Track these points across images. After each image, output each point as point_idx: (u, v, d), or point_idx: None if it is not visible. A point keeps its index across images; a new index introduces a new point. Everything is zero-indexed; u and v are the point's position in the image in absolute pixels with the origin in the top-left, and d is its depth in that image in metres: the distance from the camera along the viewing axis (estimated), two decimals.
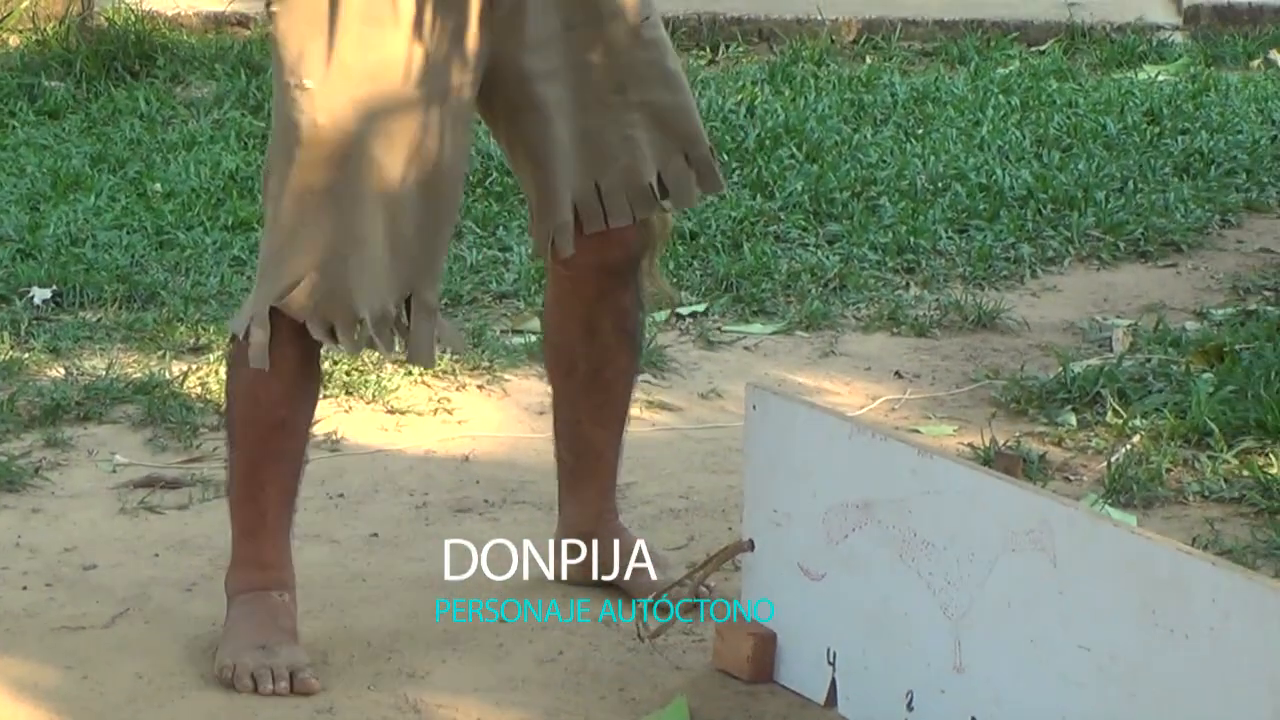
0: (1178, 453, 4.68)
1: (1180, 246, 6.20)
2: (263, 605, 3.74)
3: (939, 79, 7.96)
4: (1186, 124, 7.32)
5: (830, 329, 5.59)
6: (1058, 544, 3.37)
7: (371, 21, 3.45)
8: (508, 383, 5.28)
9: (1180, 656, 3.14)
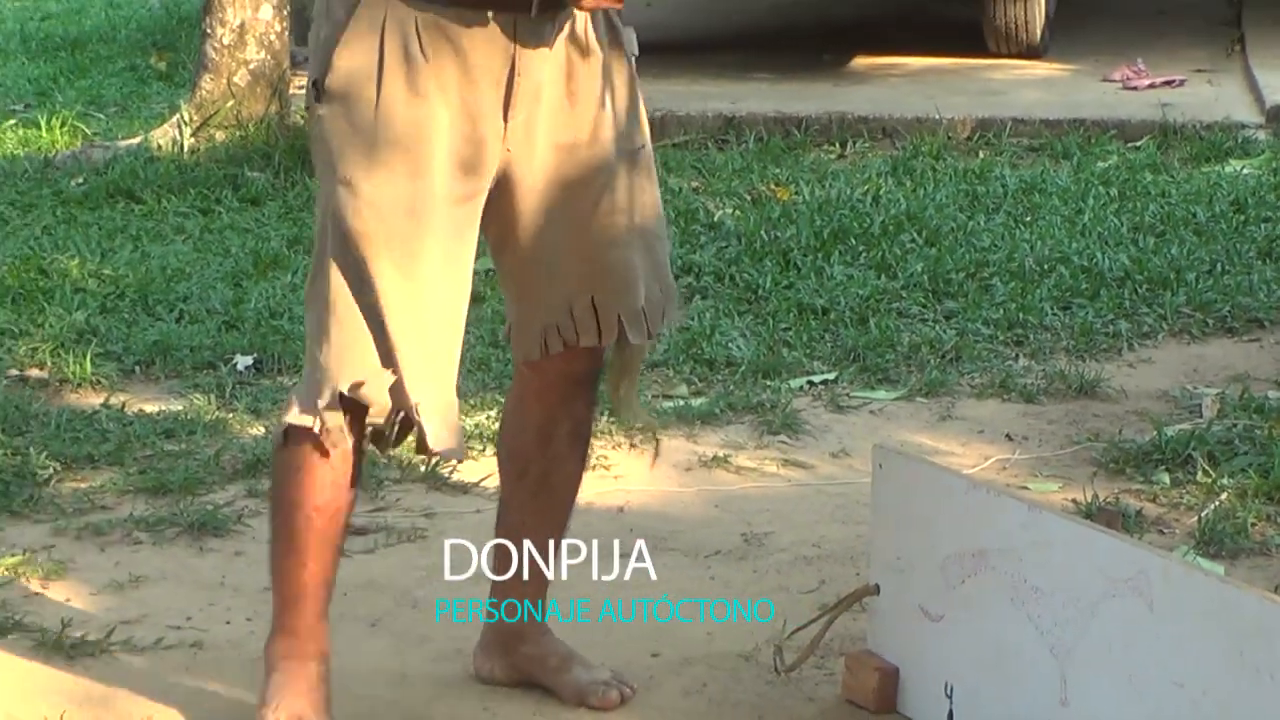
0: (1262, 509, 4.70)
1: (1264, 323, 6.19)
2: (301, 674, 3.59)
3: (1045, 172, 7.93)
4: (1269, 213, 7.29)
5: (947, 396, 5.62)
6: (1154, 590, 3.42)
7: (410, 128, 3.39)
8: (660, 442, 5.28)
9: (1266, 694, 3.17)
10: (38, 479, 5.04)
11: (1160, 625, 3.38)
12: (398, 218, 3.42)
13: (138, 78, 11.03)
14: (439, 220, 3.46)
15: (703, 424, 5.46)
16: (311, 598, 3.64)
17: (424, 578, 4.54)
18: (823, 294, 6.48)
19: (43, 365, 5.88)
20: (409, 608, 4.40)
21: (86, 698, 3.90)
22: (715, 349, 6.00)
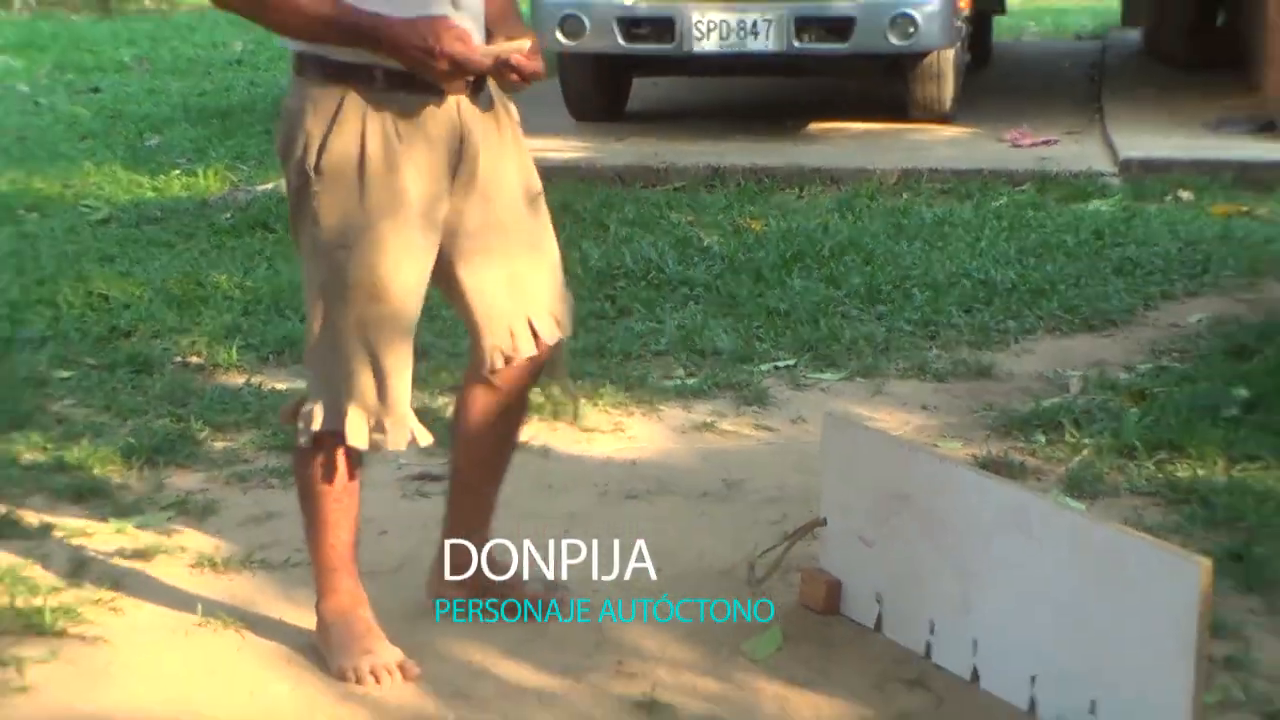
0: (1114, 462, 4.71)
1: (1116, 323, 6.20)
2: (355, 621, 3.63)
3: (952, 209, 7.93)
4: (1120, 239, 7.31)
5: (878, 377, 5.65)
6: (1033, 524, 3.45)
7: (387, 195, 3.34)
8: (662, 411, 5.30)
9: (1117, 605, 3.17)
10: (196, 439, 5.06)
11: (1037, 551, 3.38)
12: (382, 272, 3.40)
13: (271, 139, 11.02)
14: (416, 267, 3.46)
15: (694, 398, 5.47)
16: (347, 563, 3.66)
17: None
18: (785, 300, 6.50)
19: (200, 354, 5.89)
20: None
21: (231, 601, 3.92)
22: (704, 342, 6.00)
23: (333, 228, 3.36)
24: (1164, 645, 3.10)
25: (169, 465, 4.88)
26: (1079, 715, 3.28)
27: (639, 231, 7.53)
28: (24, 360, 5.81)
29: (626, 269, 6.89)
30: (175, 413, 5.29)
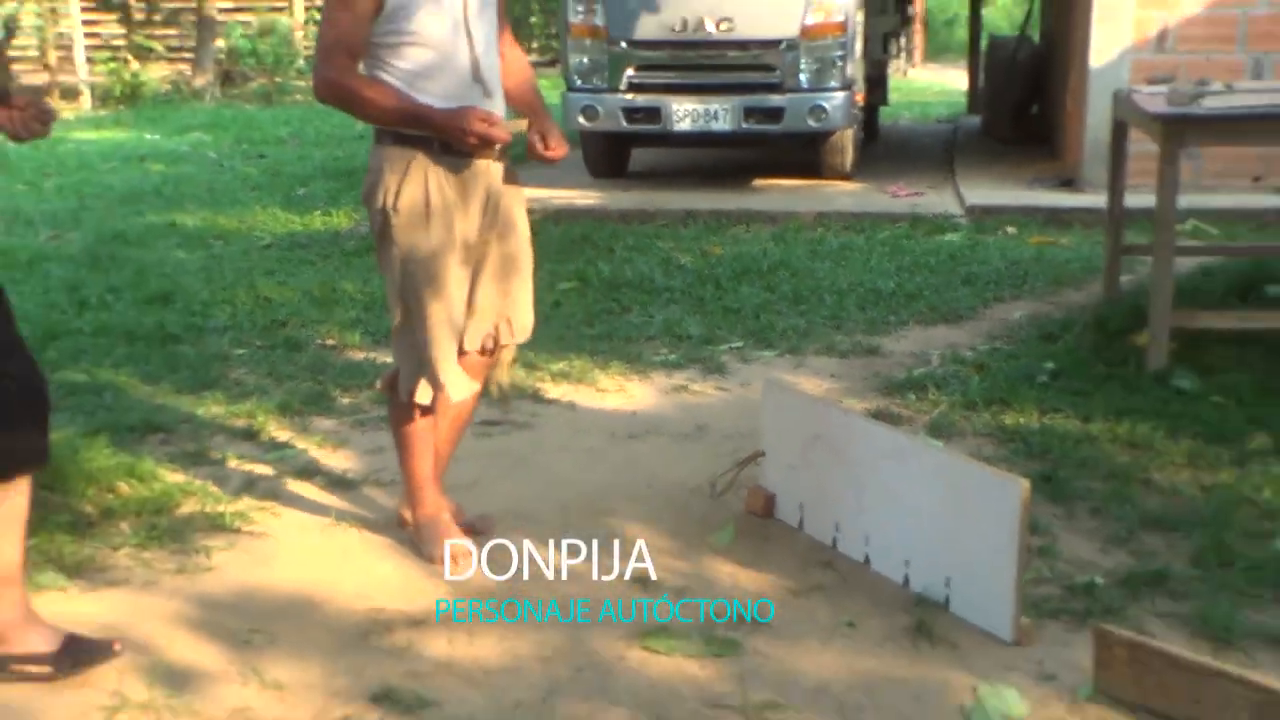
0: (963, 414, 4.70)
1: (964, 317, 6.17)
2: (438, 522, 3.64)
3: (851, 239, 7.90)
4: (966, 260, 7.28)
5: (800, 355, 5.63)
6: (906, 456, 3.43)
7: (443, 227, 3.38)
8: (653, 378, 5.29)
9: (964, 518, 3.16)
10: (330, 397, 5.05)
11: (908, 474, 3.39)
12: (441, 281, 3.43)
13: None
14: (460, 279, 3.51)
15: (675, 369, 5.42)
16: (429, 481, 3.65)
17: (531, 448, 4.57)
18: (736, 302, 6.45)
19: (333, 338, 5.85)
20: (522, 464, 4.40)
21: (354, 508, 3.94)
22: (681, 330, 5.96)
23: (406, 251, 3.40)
24: (996, 539, 3.11)
25: (311, 415, 4.87)
26: (938, 587, 3.30)
27: (636, 254, 7.50)
28: (212, 342, 5.82)
29: (627, 280, 6.87)
30: (316, 379, 5.27)
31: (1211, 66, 8.65)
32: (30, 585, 3.40)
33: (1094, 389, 4.86)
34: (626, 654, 3.09)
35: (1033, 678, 2.96)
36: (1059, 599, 3.33)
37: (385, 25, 3.29)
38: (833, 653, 3.10)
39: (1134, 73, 8.68)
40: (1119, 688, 2.85)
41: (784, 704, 2.86)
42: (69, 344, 5.69)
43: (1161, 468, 4.16)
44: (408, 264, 3.42)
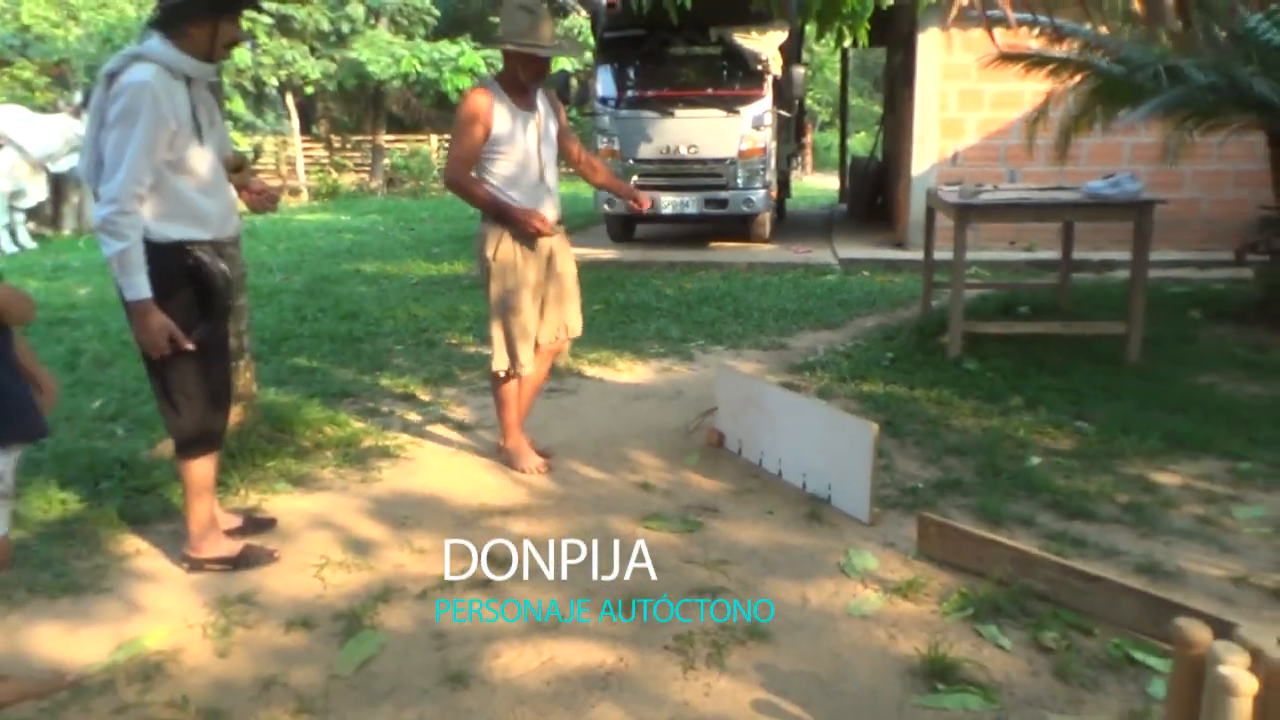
0: (836, 385, 4.67)
1: (838, 326, 6.17)
2: (521, 447, 3.60)
3: (770, 279, 7.86)
4: (838, 292, 7.24)
5: (739, 349, 5.58)
6: (803, 408, 3.37)
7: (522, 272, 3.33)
8: (649, 363, 5.23)
9: (837, 439, 3.13)
10: (455, 375, 4.99)
11: (805, 420, 3.35)
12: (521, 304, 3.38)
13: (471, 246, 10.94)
14: (534, 303, 3.45)
15: (662, 358, 5.35)
16: (516, 424, 3.63)
17: (576, 405, 4.52)
18: (700, 317, 6.35)
19: (456, 339, 5.80)
20: (571, 415, 4.35)
21: (471, 443, 3.88)
22: (667, 334, 5.88)
23: (501, 286, 3.37)
24: (858, 460, 3.09)
25: (443, 386, 4.82)
26: (823, 489, 3.27)
27: (639, 288, 7.46)
28: (381, 342, 5.77)
29: (634, 303, 6.83)
30: (446, 363, 5.22)
31: (984, 175, 8.70)
32: (269, 491, 3.39)
33: (916, 369, 4.83)
34: (635, 530, 3.08)
35: (881, 545, 2.95)
36: (896, 497, 3.30)
37: (489, 146, 3.28)
38: (759, 529, 3.08)
39: (938, 179, 8.70)
40: (933, 551, 2.83)
41: (730, 561, 2.85)
42: (294, 344, 5.67)
43: (957, 417, 4.14)
44: (501, 294, 3.39)
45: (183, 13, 2.52)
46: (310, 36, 19.24)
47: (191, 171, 2.56)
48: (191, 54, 2.55)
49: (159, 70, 2.47)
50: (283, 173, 20.50)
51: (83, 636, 2.45)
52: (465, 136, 3.25)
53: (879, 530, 3.05)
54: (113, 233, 2.42)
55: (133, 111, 2.41)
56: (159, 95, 2.44)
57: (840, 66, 15.56)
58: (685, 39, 9.22)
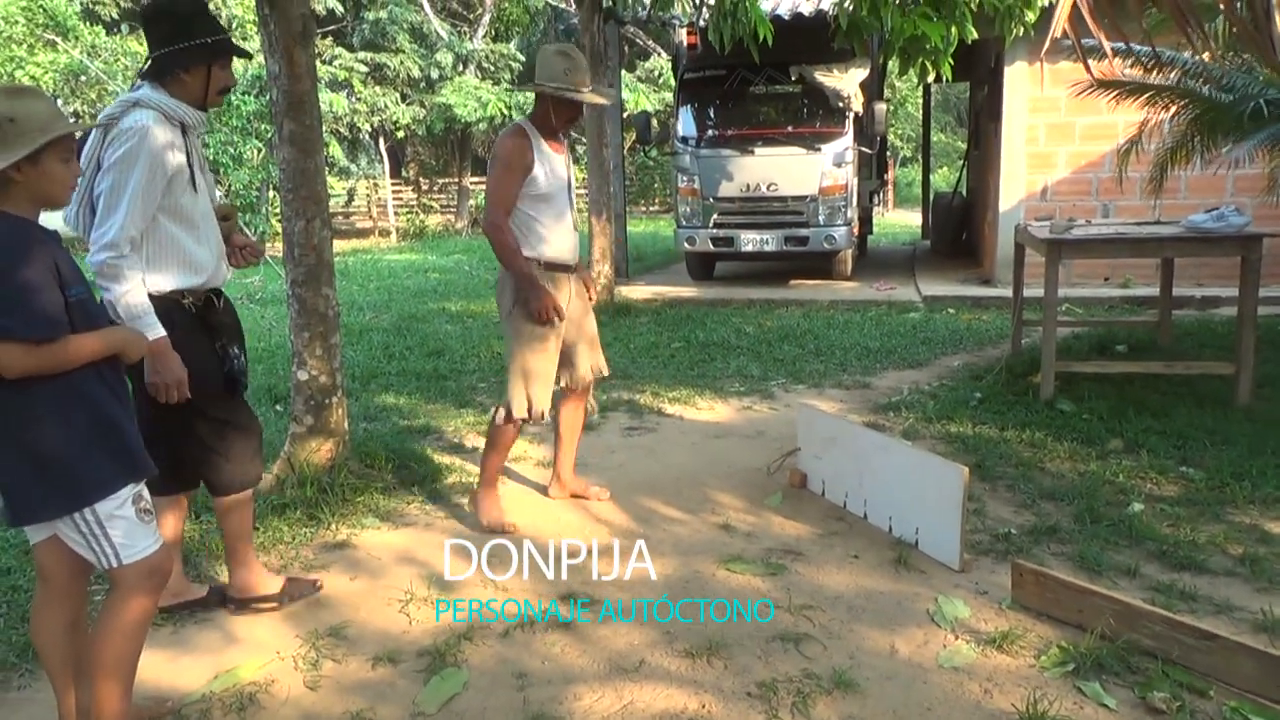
0: (923, 425, 4.56)
1: (923, 365, 6.04)
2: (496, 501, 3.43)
3: (852, 316, 7.75)
4: (923, 330, 7.09)
5: (821, 388, 5.51)
6: (890, 450, 3.30)
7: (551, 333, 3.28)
8: (730, 402, 5.20)
9: (926, 482, 3.05)
10: None
11: (890, 462, 3.28)
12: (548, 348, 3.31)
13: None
14: (556, 348, 3.36)
15: (743, 396, 5.31)
16: (497, 476, 3.48)
17: (656, 443, 4.51)
18: (779, 355, 6.30)
19: None
20: (651, 453, 4.34)
21: (549, 480, 3.88)
22: (747, 372, 5.84)
23: (525, 333, 3.28)
24: (948, 503, 3.00)
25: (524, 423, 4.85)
26: (910, 533, 3.18)
27: (719, 325, 7.43)
28: (466, 379, 5.87)
29: (714, 341, 6.82)
30: None
31: (1075, 209, 8.46)
32: (358, 526, 3.46)
33: (1006, 410, 4.68)
34: (716, 573, 3.03)
35: (972, 593, 2.84)
36: (988, 542, 3.19)
37: (524, 189, 3.20)
38: (844, 574, 3.00)
39: (1026, 213, 8.51)
40: (1028, 600, 2.71)
41: (815, 606, 2.78)
42: (382, 380, 5.81)
43: (1052, 460, 3.98)
44: (524, 341, 3.29)
45: (177, 60, 2.50)
46: (402, 83, 19.99)
47: (186, 219, 2.52)
48: (186, 100, 2.52)
49: (158, 116, 2.44)
50: (373, 214, 21.24)
51: (183, 665, 2.53)
52: (506, 178, 3.18)
53: (970, 577, 2.94)
54: (114, 277, 2.35)
55: (131, 156, 2.38)
56: (158, 141, 2.41)
57: (922, 101, 15.40)
58: (766, 77, 9.26)
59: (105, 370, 1.93)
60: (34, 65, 14.31)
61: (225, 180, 13.97)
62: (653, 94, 21.78)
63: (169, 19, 2.52)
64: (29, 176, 1.83)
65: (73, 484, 1.86)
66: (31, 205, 1.87)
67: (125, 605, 1.95)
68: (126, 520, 1.92)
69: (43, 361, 1.79)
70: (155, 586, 1.99)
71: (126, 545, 1.92)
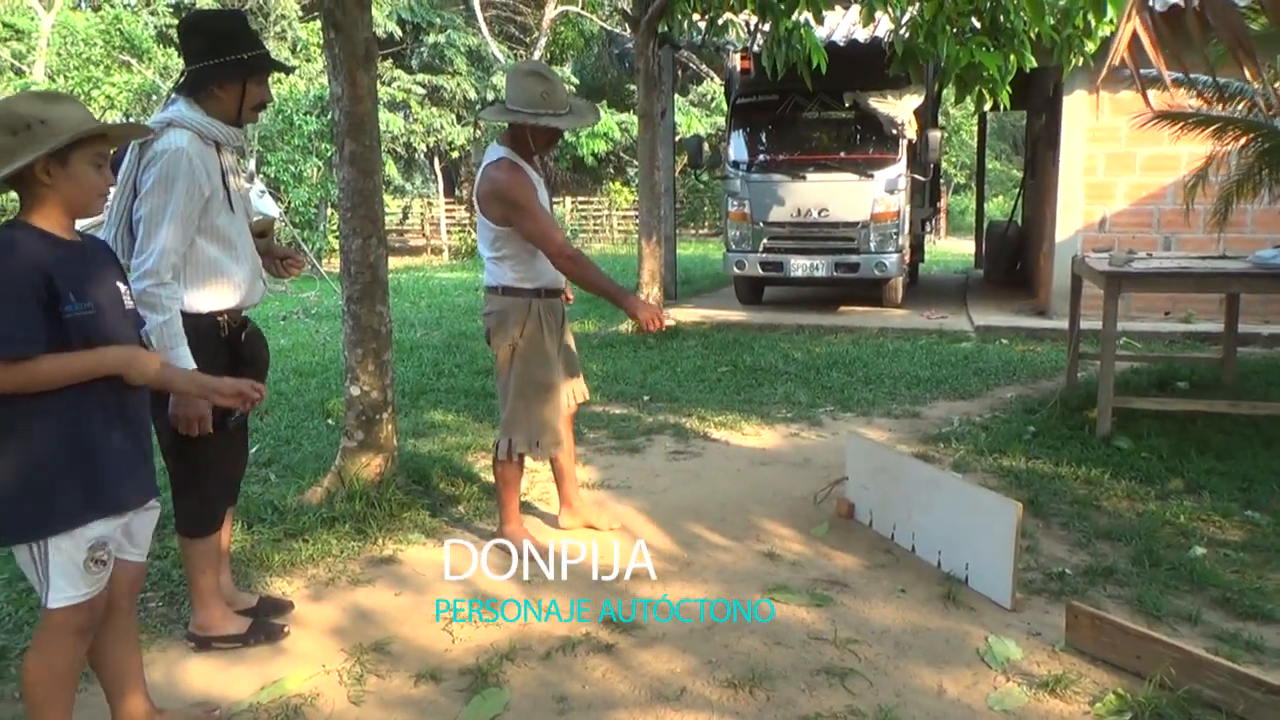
0: (974, 458, 4.47)
1: (975, 395, 5.92)
2: (522, 529, 3.39)
3: (902, 345, 7.65)
4: (975, 360, 6.97)
5: (870, 416, 5.44)
6: (939, 483, 3.24)
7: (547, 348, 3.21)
8: (777, 428, 5.16)
9: (977, 517, 2.99)
10: (580, 431, 4.97)
11: (940, 494, 3.23)
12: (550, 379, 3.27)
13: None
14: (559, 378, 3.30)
15: (790, 423, 5.26)
16: (518, 511, 3.42)
17: (701, 468, 4.48)
18: (827, 382, 6.24)
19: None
20: (696, 478, 4.31)
21: (594, 501, 3.87)
22: (795, 399, 5.79)
23: (528, 366, 3.23)
24: (1000, 539, 2.93)
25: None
26: (960, 569, 3.12)
27: (767, 351, 7.39)
28: None
29: (761, 366, 6.78)
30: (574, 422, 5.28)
31: (1134, 241, 8.28)
32: (404, 541, 3.48)
33: (1061, 445, 4.57)
34: (760, 601, 3.00)
35: (1024, 633, 2.76)
36: (1041, 581, 3.11)
37: None
38: (892, 608, 2.94)
39: (1084, 245, 8.36)
40: (1083, 644, 2.63)
41: (860, 640, 2.73)
42: (432, 397, 5.87)
43: (1108, 498, 3.88)
44: (528, 373, 3.22)
45: (211, 75, 2.47)
46: (458, 105, 20.35)
47: (223, 238, 2.49)
48: (219, 117, 2.50)
49: (193, 136, 2.42)
50: (426, 232, 21.58)
51: (232, 674, 2.56)
52: (539, 210, 3.08)
53: (1022, 617, 2.86)
54: (152, 305, 2.31)
55: (168, 178, 2.35)
56: (194, 161, 2.38)
57: (978, 129, 15.24)
58: (819, 103, 9.24)
59: (103, 391, 1.84)
60: (109, 85, 14.88)
61: (285, 197, 14.31)
62: (705, 118, 21.89)
63: (204, 34, 2.50)
64: (58, 180, 1.80)
65: (35, 511, 1.79)
66: (63, 214, 1.85)
67: (46, 647, 1.88)
68: (71, 564, 1.83)
69: (13, 380, 1.73)
70: (80, 629, 1.88)
71: (60, 588, 1.83)
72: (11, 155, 1.76)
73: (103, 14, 16.35)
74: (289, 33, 17.39)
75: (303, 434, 4.98)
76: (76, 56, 15.44)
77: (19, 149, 1.76)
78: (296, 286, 10.97)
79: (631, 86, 17.00)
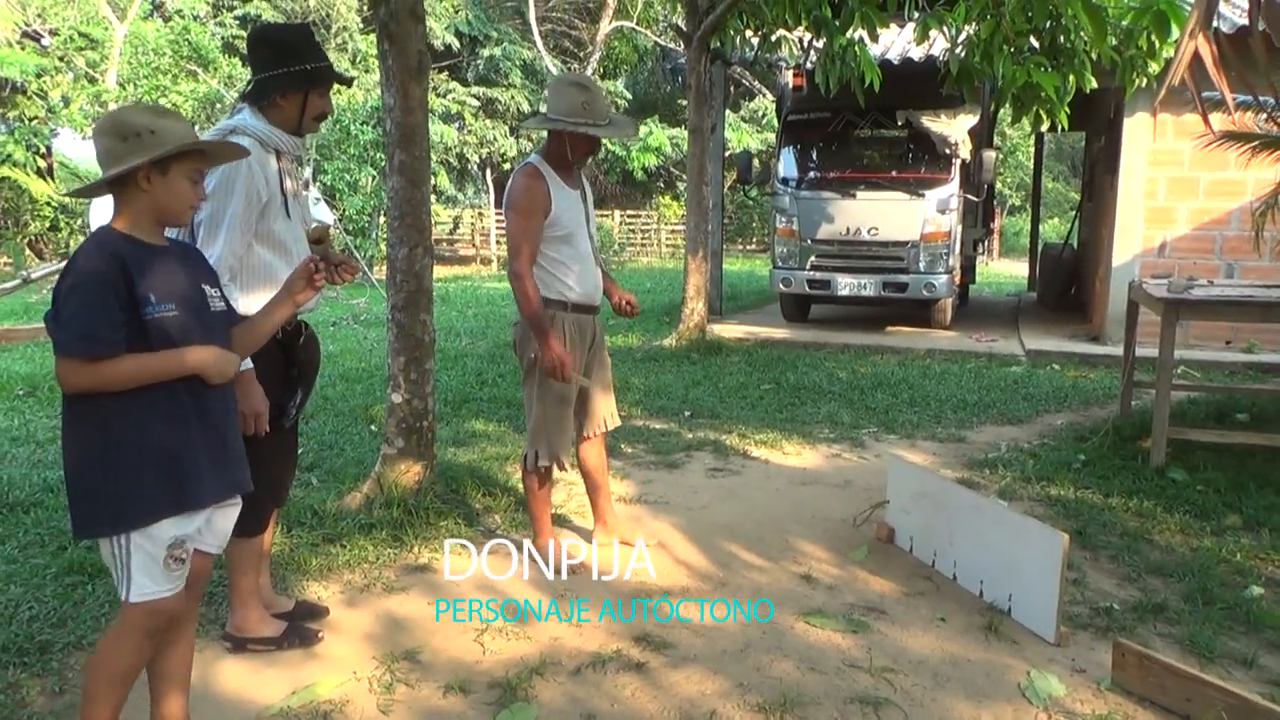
0: (1021, 485, 4.35)
1: (1023, 421, 5.80)
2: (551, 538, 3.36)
3: (949, 367, 7.54)
4: (1025, 385, 6.85)
5: (914, 439, 5.36)
6: (983, 510, 3.16)
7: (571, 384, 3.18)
8: (818, 448, 5.10)
9: (1022, 546, 2.91)
10: (618, 447, 4.98)
11: (984, 522, 3.15)
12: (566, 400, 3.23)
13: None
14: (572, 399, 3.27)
15: (832, 444, 5.20)
16: (549, 522, 3.39)
17: (740, 486, 4.44)
18: (873, 404, 6.17)
19: (624, 410, 5.81)
20: (734, 496, 4.27)
21: (630, 516, 3.85)
22: (838, 419, 5.73)
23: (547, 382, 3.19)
24: (1045, 570, 2.86)
25: (609, 457, 4.81)
26: (1003, 599, 3.05)
27: (811, 369, 7.33)
28: None
29: (805, 385, 6.73)
30: (611, 437, 5.18)
31: (1195, 268, 8.06)
32: (439, 550, 3.49)
33: (1112, 475, 4.45)
34: (795, 625, 2.94)
35: (1068, 669, 2.68)
36: (1087, 616, 3.02)
37: (545, 229, 3.09)
38: (930, 637, 2.88)
39: (1142, 270, 8.14)
40: (1130, 684, 2.54)
41: (897, 669, 2.66)
42: (474, 406, 5.91)
43: (1161, 532, 3.76)
44: (546, 389, 3.20)
45: (275, 85, 2.54)
46: (512, 117, 20.58)
47: (279, 244, 2.54)
48: (282, 126, 2.56)
49: (254, 144, 2.48)
50: (476, 243, 21.81)
51: (264, 677, 2.58)
52: (529, 222, 3.04)
53: (1066, 652, 2.77)
54: None
55: (229, 184, 2.41)
56: (254, 168, 2.45)
57: (1034, 149, 14.99)
58: (871, 121, 9.17)
59: (181, 391, 1.89)
60: (176, 94, 15.34)
61: (340, 205, 14.58)
62: (755, 134, 21.85)
63: (270, 45, 2.58)
64: (156, 188, 1.90)
65: (115, 507, 1.85)
66: (153, 221, 1.94)
67: (119, 642, 1.93)
68: (151, 560, 1.89)
69: (95, 379, 1.80)
70: (152, 632, 1.94)
71: (140, 584, 1.89)
72: (120, 159, 1.88)
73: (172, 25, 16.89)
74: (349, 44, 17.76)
75: (345, 439, 5.04)
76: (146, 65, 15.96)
77: (127, 154, 1.88)
78: (347, 293, 11.15)
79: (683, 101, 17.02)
